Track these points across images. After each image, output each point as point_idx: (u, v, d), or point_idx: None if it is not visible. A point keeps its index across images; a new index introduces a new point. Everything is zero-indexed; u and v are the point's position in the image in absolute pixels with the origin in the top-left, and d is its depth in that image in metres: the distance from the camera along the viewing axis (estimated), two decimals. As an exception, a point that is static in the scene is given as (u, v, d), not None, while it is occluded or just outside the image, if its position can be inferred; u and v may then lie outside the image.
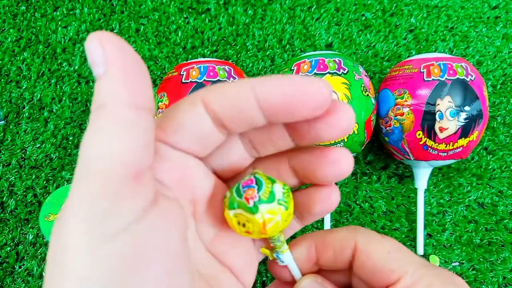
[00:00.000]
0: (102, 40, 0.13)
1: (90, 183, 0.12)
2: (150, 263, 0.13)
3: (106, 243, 0.12)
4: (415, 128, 0.31)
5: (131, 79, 0.13)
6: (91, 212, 0.12)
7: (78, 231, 0.12)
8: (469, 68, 0.31)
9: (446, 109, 0.30)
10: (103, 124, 0.13)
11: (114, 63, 0.13)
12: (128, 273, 0.12)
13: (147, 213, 0.13)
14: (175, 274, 0.14)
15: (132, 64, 0.13)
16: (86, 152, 0.13)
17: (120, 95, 0.13)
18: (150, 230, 0.13)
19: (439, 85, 0.30)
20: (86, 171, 0.12)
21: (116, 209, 0.12)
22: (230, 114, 0.15)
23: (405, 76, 0.32)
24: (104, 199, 0.12)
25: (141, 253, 0.12)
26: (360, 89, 0.31)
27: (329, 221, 0.35)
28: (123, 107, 0.13)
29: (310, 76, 0.17)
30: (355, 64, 0.32)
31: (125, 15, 0.42)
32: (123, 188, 0.12)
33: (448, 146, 0.31)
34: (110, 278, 0.12)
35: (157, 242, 0.13)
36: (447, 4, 0.42)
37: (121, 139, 0.12)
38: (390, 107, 0.33)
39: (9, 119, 0.39)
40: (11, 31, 0.41)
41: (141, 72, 0.13)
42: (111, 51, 0.13)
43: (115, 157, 0.12)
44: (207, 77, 0.31)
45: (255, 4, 0.42)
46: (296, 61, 0.33)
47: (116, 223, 0.12)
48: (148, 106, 0.13)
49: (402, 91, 0.32)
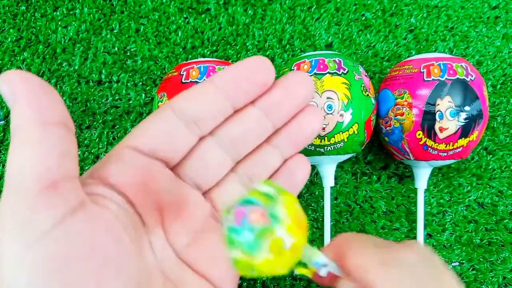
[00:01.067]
0: (8, 78, 0.14)
1: (10, 197, 0.14)
2: (73, 264, 0.14)
3: (29, 249, 0.13)
4: (415, 128, 0.31)
5: (38, 101, 0.15)
6: (13, 222, 0.13)
7: (6, 240, 0.13)
8: (469, 68, 0.31)
9: (446, 109, 0.30)
10: (17, 144, 0.14)
11: (21, 92, 0.14)
12: (54, 275, 0.13)
13: (68, 219, 0.14)
14: (106, 273, 0.15)
15: (38, 89, 0.15)
16: (7, 170, 0.14)
17: (28, 116, 0.14)
18: (71, 234, 0.14)
19: (439, 85, 0.30)
20: (6, 187, 0.14)
21: (34, 218, 0.13)
22: (200, 110, 0.17)
23: (405, 76, 0.32)
24: (22, 210, 0.13)
25: (63, 255, 0.14)
26: (360, 89, 0.31)
27: (329, 221, 0.35)
28: (31, 125, 0.14)
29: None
30: (355, 64, 0.32)
31: (125, 15, 0.42)
32: (38, 198, 0.14)
33: (448, 146, 0.31)
34: (37, 282, 0.13)
35: (80, 244, 0.14)
36: (447, 4, 0.42)
37: (31, 154, 0.14)
38: (390, 107, 0.33)
39: (9, 119, 0.39)
40: (11, 31, 0.41)
41: (48, 94, 0.15)
42: (17, 84, 0.14)
43: (27, 171, 0.14)
44: (207, 77, 0.31)
45: (255, 4, 0.42)
46: (296, 61, 0.33)
47: (36, 230, 0.13)
48: (58, 120, 0.15)
49: (402, 91, 0.32)
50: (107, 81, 0.40)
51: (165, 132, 0.17)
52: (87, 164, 0.38)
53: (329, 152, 0.32)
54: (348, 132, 0.31)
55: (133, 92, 0.40)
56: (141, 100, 0.39)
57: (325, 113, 0.30)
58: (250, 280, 0.35)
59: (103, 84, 0.40)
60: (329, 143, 0.31)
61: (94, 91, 0.40)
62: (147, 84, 0.40)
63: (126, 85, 0.40)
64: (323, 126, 0.30)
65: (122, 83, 0.40)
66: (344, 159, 0.34)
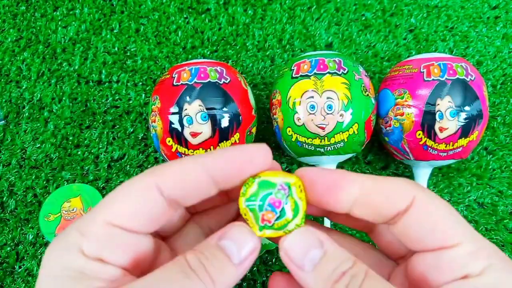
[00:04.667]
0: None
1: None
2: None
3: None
4: (415, 128, 0.31)
5: None
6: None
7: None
8: (469, 68, 0.31)
9: (446, 109, 0.30)
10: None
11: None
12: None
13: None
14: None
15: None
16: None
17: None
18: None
19: (439, 85, 0.30)
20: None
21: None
22: (186, 193, 0.17)
23: (405, 76, 0.32)
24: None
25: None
26: (360, 89, 0.31)
27: (328, 222, 0.35)
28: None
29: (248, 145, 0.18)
30: (355, 64, 0.32)
31: (125, 15, 0.42)
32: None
33: (448, 146, 0.31)
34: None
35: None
36: (447, 4, 0.42)
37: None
38: (390, 107, 0.33)
39: (9, 119, 0.39)
40: (11, 31, 0.41)
41: None
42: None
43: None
44: (198, 79, 0.31)
45: (255, 4, 0.42)
46: (296, 61, 0.33)
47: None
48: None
49: (402, 91, 0.32)
50: (107, 81, 0.40)
51: (153, 214, 0.17)
52: (87, 164, 0.38)
53: (329, 152, 0.32)
54: (348, 132, 0.31)
55: (133, 92, 0.40)
56: (141, 100, 0.39)
57: (325, 113, 0.30)
58: (250, 280, 0.35)
59: (103, 84, 0.40)
60: (329, 143, 0.31)
61: (94, 91, 0.40)
62: (147, 84, 0.40)
63: (126, 85, 0.40)
64: (323, 126, 0.30)
65: (122, 83, 0.40)
66: (344, 159, 0.34)
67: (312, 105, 0.30)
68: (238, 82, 0.32)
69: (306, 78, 0.31)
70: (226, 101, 0.31)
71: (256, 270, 0.35)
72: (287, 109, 0.31)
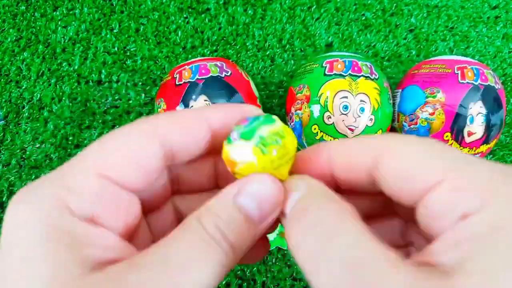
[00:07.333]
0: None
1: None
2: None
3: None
4: (444, 129, 0.31)
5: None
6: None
7: None
8: (496, 77, 0.31)
9: (477, 114, 0.30)
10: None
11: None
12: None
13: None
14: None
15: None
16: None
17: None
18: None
19: (473, 89, 0.30)
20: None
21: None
22: (186, 145, 0.15)
23: (437, 74, 0.32)
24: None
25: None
26: (387, 96, 0.31)
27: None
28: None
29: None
30: (380, 72, 0.32)
31: (125, 15, 0.42)
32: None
33: (471, 151, 0.31)
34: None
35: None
36: (447, 4, 0.42)
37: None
38: (419, 104, 0.32)
39: (9, 119, 0.39)
40: (11, 31, 0.41)
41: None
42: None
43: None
44: (200, 75, 0.31)
45: (255, 4, 0.42)
46: (327, 58, 0.32)
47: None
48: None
49: (434, 89, 0.31)
50: (107, 81, 0.40)
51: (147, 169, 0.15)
52: (87, 164, 0.38)
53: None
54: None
55: (133, 92, 0.40)
56: (141, 100, 0.39)
57: (358, 115, 0.30)
58: (250, 280, 0.35)
59: (103, 84, 0.40)
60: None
61: (94, 91, 0.40)
62: (147, 84, 0.40)
63: (126, 85, 0.40)
64: (353, 128, 0.30)
65: (122, 83, 0.40)
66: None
67: (346, 105, 0.30)
68: (239, 74, 0.32)
69: (340, 77, 0.31)
70: (231, 93, 0.31)
71: (256, 270, 0.35)
72: (318, 106, 0.31)
